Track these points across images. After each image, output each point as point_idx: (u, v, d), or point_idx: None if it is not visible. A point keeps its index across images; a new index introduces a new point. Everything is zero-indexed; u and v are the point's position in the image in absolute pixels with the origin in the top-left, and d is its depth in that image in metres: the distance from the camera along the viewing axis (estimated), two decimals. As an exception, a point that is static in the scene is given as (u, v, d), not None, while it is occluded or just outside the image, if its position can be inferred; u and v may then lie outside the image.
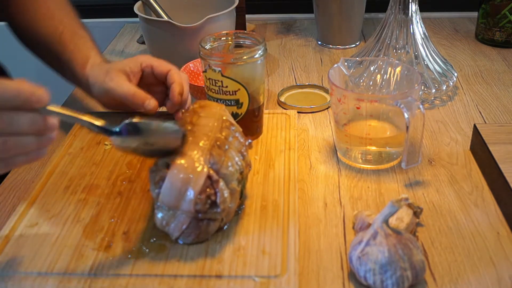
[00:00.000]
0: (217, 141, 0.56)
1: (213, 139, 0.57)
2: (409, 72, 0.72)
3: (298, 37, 1.20)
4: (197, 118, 0.60)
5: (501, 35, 1.08)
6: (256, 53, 0.70)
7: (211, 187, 0.54)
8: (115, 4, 1.37)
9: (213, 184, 0.54)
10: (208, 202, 0.54)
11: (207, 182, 0.54)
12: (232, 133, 0.59)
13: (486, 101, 0.89)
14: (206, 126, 0.58)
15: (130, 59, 0.75)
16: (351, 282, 0.54)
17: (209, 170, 0.54)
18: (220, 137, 0.57)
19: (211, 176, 0.54)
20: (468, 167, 0.71)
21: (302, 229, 0.61)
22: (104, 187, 0.67)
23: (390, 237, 0.52)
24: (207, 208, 0.54)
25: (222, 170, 0.55)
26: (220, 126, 0.59)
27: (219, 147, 0.56)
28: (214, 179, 0.54)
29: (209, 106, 0.63)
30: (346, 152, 0.73)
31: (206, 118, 0.60)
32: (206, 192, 0.54)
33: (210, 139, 0.56)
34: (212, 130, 0.58)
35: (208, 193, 0.54)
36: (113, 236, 0.59)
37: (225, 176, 0.55)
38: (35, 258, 0.56)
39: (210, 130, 0.58)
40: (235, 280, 0.52)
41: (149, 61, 0.74)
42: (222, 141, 0.57)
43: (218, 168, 0.55)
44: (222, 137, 0.57)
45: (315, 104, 0.88)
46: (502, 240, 0.59)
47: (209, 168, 0.54)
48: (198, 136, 0.57)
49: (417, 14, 0.87)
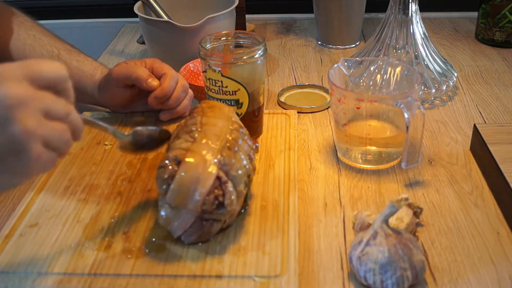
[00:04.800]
0: (227, 143, 0.56)
1: (223, 140, 0.56)
2: (409, 72, 0.72)
3: (298, 37, 1.20)
4: (206, 118, 0.60)
5: (501, 35, 1.08)
6: (256, 53, 0.70)
7: (219, 188, 0.54)
8: (115, 4, 1.37)
9: (222, 185, 0.54)
10: (215, 203, 0.54)
11: (216, 182, 0.54)
12: (242, 135, 0.59)
13: (486, 101, 0.89)
14: (215, 127, 0.58)
15: (137, 60, 0.80)
16: (351, 282, 0.54)
17: (219, 171, 0.54)
18: (230, 139, 0.57)
19: (220, 177, 0.54)
20: (468, 167, 0.71)
21: (302, 229, 0.61)
22: (104, 187, 0.67)
23: (390, 237, 0.52)
24: (214, 209, 0.54)
25: (232, 172, 0.55)
26: (230, 128, 0.59)
27: (229, 148, 0.56)
28: (223, 181, 0.54)
29: (218, 107, 0.63)
30: (346, 152, 0.73)
31: (215, 119, 0.59)
32: (214, 193, 0.53)
33: (220, 140, 0.56)
34: (222, 131, 0.58)
35: (216, 194, 0.54)
36: (113, 236, 0.59)
37: (234, 178, 0.55)
38: (35, 258, 0.56)
39: (220, 131, 0.57)
40: (235, 280, 0.52)
41: (152, 63, 0.77)
42: (232, 143, 0.57)
43: (227, 169, 0.55)
44: (232, 139, 0.57)
45: (315, 104, 0.88)
46: (502, 240, 0.59)
47: (219, 169, 0.54)
48: (209, 136, 0.56)
49: (417, 14, 0.87)
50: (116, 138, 0.59)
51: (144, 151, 0.66)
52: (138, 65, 0.77)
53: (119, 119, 0.81)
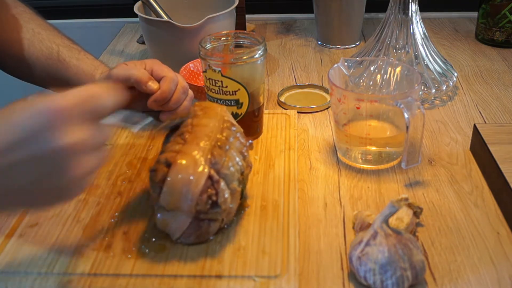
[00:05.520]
0: (218, 142, 0.56)
1: (214, 139, 0.57)
2: (409, 72, 0.72)
3: (298, 37, 1.20)
4: (197, 119, 0.60)
5: (501, 35, 1.08)
6: (256, 53, 0.70)
7: (212, 188, 0.54)
8: (115, 4, 1.37)
9: (214, 184, 0.54)
10: (209, 203, 0.54)
11: (208, 182, 0.54)
12: (233, 133, 0.59)
13: (486, 101, 0.89)
14: (206, 127, 0.58)
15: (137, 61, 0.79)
16: (351, 282, 0.54)
17: (210, 170, 0.54)
18: (221, 137, 0.57)
19: (212, 176, 0.54)
20: (468, 167, 0.71)
21: (302, 229, 0.61)
22: (104, 187, 0.67)
23: (390, 237, 0.52)
24: (208, 209, 0.54)
25: (223, 170, 0.55)
26: (221, 126, 0.59)
27: (220, 147, 0.56)
28: (215, 179, 0.54)
29: (210, 107, 0.63)
30: (346, 152, 0.73)
31: (206, 119, 0.59)
32: (207, 192, 0.53)
33: (211, 140, 0.56)
34: (213, 131, 0.58)
35: (209, 193, 0.54)
36: (113, 236, 0.59)
37: (226, 176, 0.55)
38: (35, 258, 0.56)
39: (211, 131, 0.57)
40: (235, 280, 0.52)
41: (152, 64, 0.77)
42: (223, 142, 0.57)
43: (219, 168, 0.55)
44: (223, 137, 0.57)
45: (315, 104, 0.88)
46: (502, 240, 0.59)
47: (210, 168, 0.54)
48: (199, 137, 0.57)
49: (417, 14, 0.87)
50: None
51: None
52: (138, 66, 0.76)
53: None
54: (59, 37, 0.84)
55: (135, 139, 0.76)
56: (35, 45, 0.81)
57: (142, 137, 0.77)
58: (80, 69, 0.80)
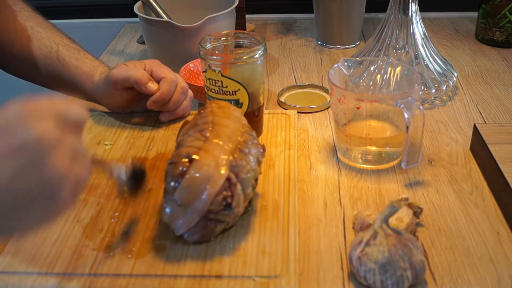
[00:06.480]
0: (239, 145, 0.56)
1: (235, 142, 0.57)
2: (409, 72, 0.72)
3: (298, 37, 1.20)
4: (217, 118, 0.60)
5: (501, 35, 1.08)
6: (256, 53, 0.70)
7: (228, 190, 0.54)
8: (115, 4, 1.37)
9: (231, 187, 0.54)
10: (223, 204, 0.54)
11: (225, 184, 0.54)
12: (251, 138, 0.59)
13: (486, 101, 0.89)
14: (227, 128, 0.58)
15: (136, 61, 0.79)
16: (351, 282, 0.54)
17: (229, 172, 0.54)
18: (241, 141, 0.57)
19: (230, 179, 0.54)
20: (468, 167, 0.71)
21: (302, 229, 0.61)
22: (104, 187, 0.67)
23: (390, 237, 0.52)
24: (220, 210, 0.54)
25: (242, 175, 0.55)
26: (241, 130, 0.59)
27: (241, 150, 0.56)
28: (233, 182, 0.54)
29: (227, 108, 0.63)
30: (346, 152, 0.73)
31: (226, 119, 0.60)
32: (223, 194, 0.53)
33: (232, 142, 0.56)
34: (234, 133, 0.58)
35: (225, 195, 0.54)
36: (113, 236, 0.59)
37: (243, 181, 0.55)
38: (35, 258, 0.56)
39: (232, 133, 0.57)
40: (235, 280, 0.52)
41: (151, 65, 0.77)
42: (243, 145, 0.57)
43: (238, 171, 0.55)
44: (243, 141, 0.57)
45: (315, 104, 0.88)
46: (502, 240, 0.59)
47: (230, 170, 0.54)
48: (221, 137, 0.56)
49: (417, 14, 0.87)
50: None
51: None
52: (137, 67, 0.76)
53: (119, 119, 0.81)
54: (59, 36, 0.83)
55: (135, 139, 0.76)
56: (34, 44, 0.81)
57: (142, 137, 0.77)
58: (79, 69, 0.80)
